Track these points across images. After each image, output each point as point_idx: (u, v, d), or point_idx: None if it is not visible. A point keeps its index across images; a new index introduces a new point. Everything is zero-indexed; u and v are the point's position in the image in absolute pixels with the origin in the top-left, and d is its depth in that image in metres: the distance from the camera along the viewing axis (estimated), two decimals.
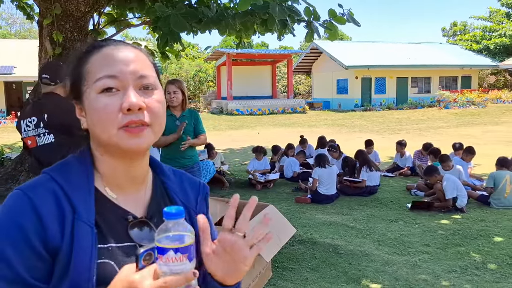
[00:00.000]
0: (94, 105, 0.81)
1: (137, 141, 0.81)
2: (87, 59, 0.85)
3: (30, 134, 2.88)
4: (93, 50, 0.86)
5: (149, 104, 0.82)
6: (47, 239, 0.75)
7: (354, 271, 3.71)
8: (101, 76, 0.81)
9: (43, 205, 0.76)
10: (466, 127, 16.14)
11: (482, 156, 8.25)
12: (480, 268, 3.75)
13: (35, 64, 5.26)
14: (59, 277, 0.75)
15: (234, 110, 25.16)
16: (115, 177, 0.87)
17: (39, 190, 0.78)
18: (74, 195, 0.79)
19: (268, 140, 13.39)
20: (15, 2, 6.00)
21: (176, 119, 4.02)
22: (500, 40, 30.82)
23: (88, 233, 0.77)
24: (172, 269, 0.69)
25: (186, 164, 4.06)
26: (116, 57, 0.83)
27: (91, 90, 0.82)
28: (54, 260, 0.75)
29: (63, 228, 0.76)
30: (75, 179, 0.82)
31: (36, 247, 0.74)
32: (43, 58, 4.98)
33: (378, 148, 8.72)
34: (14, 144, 12.65)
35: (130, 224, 0.85)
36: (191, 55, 38.28)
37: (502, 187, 5.62)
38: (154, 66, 0.91)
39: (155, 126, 0.84)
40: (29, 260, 0.73)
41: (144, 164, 0.90)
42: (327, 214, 5.56)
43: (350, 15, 4.61)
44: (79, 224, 0.77)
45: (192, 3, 5.23)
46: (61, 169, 0.84)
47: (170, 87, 3.97)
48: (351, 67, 26.20)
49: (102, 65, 0.83)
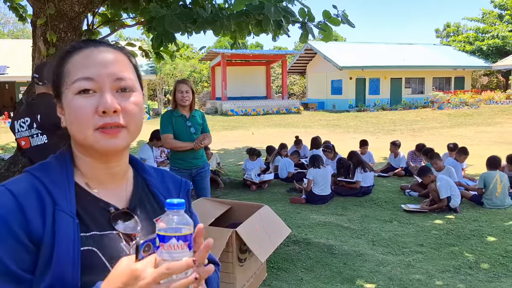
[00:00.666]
0: (71, 106, 0.83)
1: (113, 141, 0.83)
2: (67, 60, 0.87)
3: (23, 135, 2.86)
4: (73, 50, 0.87)
5: (125, 107, 0.84)
6: (31, 231, 0.76)
7: (349, 271, 3.72)
8: (78, 77, 0.83)
9: (24, 198, 0.78)
10: (460, 128, 16.24)
11: (475, 156, 8.31)
12: (474, 267, 3.78)
13: (28, 64, 5.23)
14: (43, 268, 0.76)
15: (229, 110, 25.13)
16: (95, 174, 0.89)
17: (20, 185, 0.80)
18: (54, 189, 0.81)
19: (263, 140, 13.40)
20: (8, 2, 5.95)
21: (186, 119, 4.02)
22: (492, 42, 31.08)
23: (70, 222, 0.79)
24: (174, 256, 0.71)
25: (197, 165, 4.08)
26: (94, 59, 0.85)
27: (69, 91, 0.84)
28: (38, 251, 0.76)
29: (44, 219, 0.78)
30: (55, 175, 0.84)
31: (21, 238, 0.75)
32: (37, 58, 4.95)
33: (372, 148, 8.75)
34: (7, 144, 12.56)
35: (112, 215, 0.87)
36: (185, 55, 38.19)
37: (493, 187, 5.67)
38: (135, 67, 0.92)
39: (130, 127, 0.86)
40: (15, 252, 0.74)
41: (123, 162, 0.92)
42: (321, 214, 5.58)
43: (345, 16, 4.62)
44: (60, 214, 0.79)
45: (186, 3, 5.22)
46: (41, 167, 0.86)
47: (183, 87, 3.96)
48: (346, 68, 26.28)
49: (80, 66, 0.84)
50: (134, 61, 0.93)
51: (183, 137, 3.99)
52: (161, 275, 0.68)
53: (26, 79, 5.34)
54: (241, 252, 3.21)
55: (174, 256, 0.71)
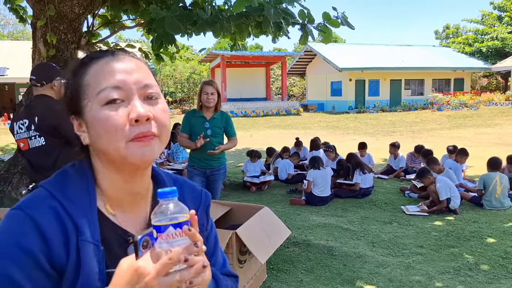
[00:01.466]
0: (98, 118, 0.77)
1: (148, 149, 0.78)
2: (85, 71, 0.81)
3: (22, 137, 2.88)
4: (90, 61, 0.82)
5: (156, 114, 0.79)
6: (53, 258, 0.73)
7: (349, 272, 3.72)
8: (104, 87, 0.78)
9: (45, 224, 0.73)
10: (459, 129, 16.26)
11: (474, 158, 8.31)
12: (473, 269, 3.78)
13: (28, 66, 5.23)
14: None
15: (228, 112, 25.05)
16: (116, 193, 0.83)
17: (39, 208, 0.75)
18: (75, 212, 0.76)
19: (263, 142, 13.41)
20: (8, 4, 5.96)
21: (206, 121, 4.05)
22: (492, 43, 31.12)
23: (96, 253, 0.75)
24: (174, 245, 0.69)
25: (213, 166, 4.11)
26: (117, 67, 0.80)
27: (94, 103, 0.78)
28: (61, 278, 0.73)
29: (67, 247, 0.74)
30: (76, 195, 0.78)
31: (44, 266, 0.72)
32: (37, 59, 4.96)
33: (371, 150, 8.75)
34: (6, 146, 12.56)
35: (130, 246, 0.81)
36: (185, 57, 38.22)
37: (492, 189, 5.67)
38: (153, 74, 0.88)
39: (162, 136, 0.81)
40: (39, 280, 0.71)
41: (146, 178, 0.87)
42: (321, 216, 5.58)
43: (344, 18, 4.63)
44: (84, 244, 0.75)
45: (186, 5, 5.23)
46: (60, 182, 0.80)
47: (208, 88, 3.98)
48: (345, 69, 26.31)
49: (103, 76, 0.79)
50: (148, 64, 0.89)
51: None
52: (164, 266, 0.66)
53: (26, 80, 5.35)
54: (241, 253, 3.21)
55: (173, 245, 0.69)
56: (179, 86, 32.36)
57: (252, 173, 7.33)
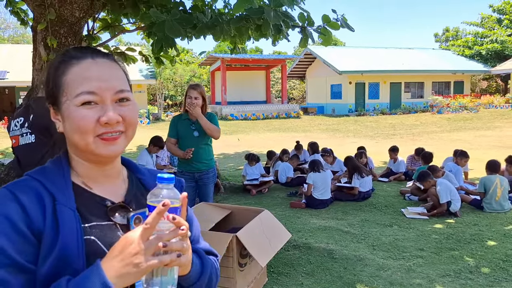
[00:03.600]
0: (73, 116, 0.89)
1: (112, 148, 0.91)
2: (65, 70, 0.92)
3: (15, 134, 2.91)
4: (70, 60, 0.93)
5: (124, 115, 0.92)
6: (32, 224, 0.82)
7: (349, 275, 3.72)
8: (81, 91, 0.89)
9: (24, 196, 0.84)
10: (459, 132, 16.26)
11: (474, 160, 8.31)
12: (474, 272, 3.77)
13: (29, 70, 5.24)
14: (43, 257, 0.82)
15: (229, 115, 25.16)
16: (91, 174, 0.96)
17: (20, 184, 0.87)
18: (52, 187, 0.88)
19: (263, 145, 13.41)
20: (9, 7, 5.97)
21: (192, 123, 4.05)
22: (491, 46, 31.18)
23: (71, 215, 0.86)
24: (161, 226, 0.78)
25: (201, 169, 4.10)
26: (94, 73, 0.91)
27: (71, 102, 0.90)
28: (39, 243, 0.82)
29: (44, 213, 0.84)
30: (52, 176, 0.91)
31: (24, 232, 0.81)
32: (37, 63, 4.96)
33: (372, 153, 8.75)
34: (6, 149, 12.56)
35: (109, 208, 0.93)
36: (185, 60, 38.27)
37: (492, 192, 5.67)
38: (126, 76, 0.99)
39: (128, 132, 0.94)
40: (20, 245, 0.80)
41: (116, 164, 1.00)
42: (321, 219, 5.57)
43: (344, 21, 4.64)
44: (61, 208, 0.85)
45: (186, 8, 5.24)
46: (39, 170, 0.93)
47: (192, 92, 4.00)
48: (345, 72, 26.34)
49: (81, 80, 0.90)
50: (124, 67, 1.00)
51: (186, 140, 4.05)
52: (146, 232, 0.77)
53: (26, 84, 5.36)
54: (241, 256, 3.21)
55: (161, 226, 0.78)
56: (179, 89, 32.41)
57: (252, 176, 7.32)
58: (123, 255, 0.77)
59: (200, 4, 5.27)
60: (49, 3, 4.70)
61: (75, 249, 0.83)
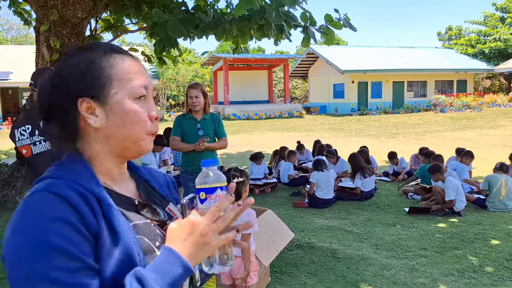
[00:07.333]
0: (129, 109, 0.88)
1: (152, 144, 0.93)
2: (113, 62, 0.89)
3: (25, 143, 2.88)
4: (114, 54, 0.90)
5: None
6: (88, 225, 0.79)
7: (353, 275, 3.71)
8: (139, 85, 0.89)
9: (70, 196, 0.79)
10: (462, 131, 16.21)
11: (478, 159, 8.28)
12: (478, 271, 3.76)
13: (32, 70, 5.26)
14: (104, 259, 0.79)
15: (231, 115, 25.17)
16: (110, 173, 0.93)
17: (57, 186, 0.81)
18: (90, 186, 0.84)
19: (266, 144, 13.41)
20: (13, 8, 6.01)
21: (197, 122, 4.02)
22: (494, 44, 31.04)
23: (120, 215, 0.85)
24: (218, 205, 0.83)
25: None
26: (142, 69, 0.92)
27: (124, 95, 0.88)
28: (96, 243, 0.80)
29: (94, 214, 0.81)
30: (84, 176, 0.86)
31: (84, 233, 0.78)
32: (40, 64, 4.98)
33: (374, 152, 8.74)
34: (10, 150, 12.60)
35: (139, 206, 0.93)
36: (188, 60, 38.31)
37: (497, 190, 5.65)
38: None
39: None
40: (84, 247, 0.77)
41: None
42: (324, 218, 5.57)
43: (346, 20, 4.64)
44: (108, 209, 0.83)
45: (189, 8, 5.25)
46: (61, 168, 0.87)
47: (192, 92, 3.95)
48: (348, 72, 26.29)
49: (134, 73, 0.90)
50: None
51: (191, 139, 3.99)
52: (213, 213, 0.81)
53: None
54: None
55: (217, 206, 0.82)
56: (181, 89, 32.43)
57: (256, 175, 7.34)
58: (194, 236, 0.80)
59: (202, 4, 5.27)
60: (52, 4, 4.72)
61: (135, 248, 0.83)
